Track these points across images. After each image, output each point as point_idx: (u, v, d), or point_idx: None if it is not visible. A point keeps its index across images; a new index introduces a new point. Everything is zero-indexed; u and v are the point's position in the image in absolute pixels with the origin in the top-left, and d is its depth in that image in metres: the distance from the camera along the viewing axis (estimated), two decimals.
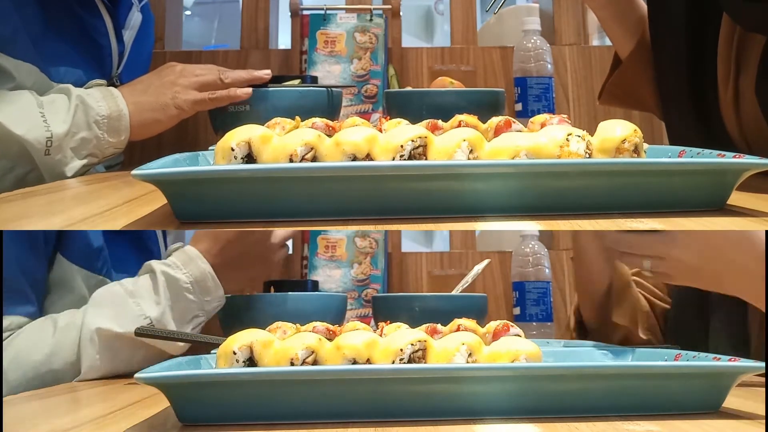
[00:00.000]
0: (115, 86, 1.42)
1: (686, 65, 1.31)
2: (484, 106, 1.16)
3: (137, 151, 1.69)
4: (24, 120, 1.26)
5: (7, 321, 1.23)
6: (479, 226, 0.83)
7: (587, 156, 0.84)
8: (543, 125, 0.89)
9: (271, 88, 1.37)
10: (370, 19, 1.91)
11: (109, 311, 1.23)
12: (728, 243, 1.08)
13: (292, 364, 0.84)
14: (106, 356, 1.21)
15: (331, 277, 1.84)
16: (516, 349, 0.85)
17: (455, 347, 0.85)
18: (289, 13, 1.99)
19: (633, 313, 1.38)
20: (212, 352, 0.96)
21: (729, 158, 0.85)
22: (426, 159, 0.84)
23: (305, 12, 1.95)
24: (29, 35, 1.31)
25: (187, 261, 1.27)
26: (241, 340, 0.85)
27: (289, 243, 1.43)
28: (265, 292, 1.41)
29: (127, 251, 1.39)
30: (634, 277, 1.43)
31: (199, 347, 1.27)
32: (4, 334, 1.22)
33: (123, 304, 1.23)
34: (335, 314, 1.31)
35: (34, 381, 1.20)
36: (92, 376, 1.22)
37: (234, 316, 1.29)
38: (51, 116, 1.27)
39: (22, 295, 1.26)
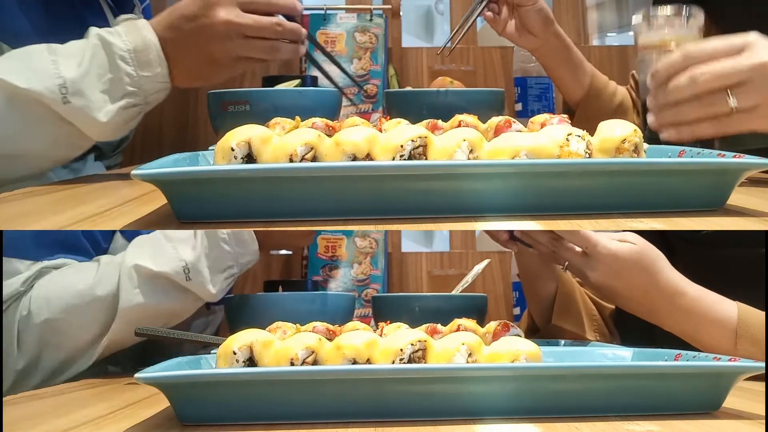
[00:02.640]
0: None
1: None
2: (484, 106, 1.16)
3: (137, 151, 1.70)
4: (32, 72, 1.16)
5: (62, 261, 1.27)
6: (479, 226, 0.83)
7: (587, 156, 0.84)
8: (543, 125, 0.89)
9: (271, 89, 1.37)
10: (370, 19, 1.91)
11: (148, 251, 1.24)
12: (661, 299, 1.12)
13: (292, 364, 0.84)
14: (144, 291, 1.22)
15: (331, 277, 1.84)
16: (516, 349, 0.85)
17: (455, 347, 0.85)
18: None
19: (578, 317, 1.38)
20: (212, 352, 0.96)
21: (729, 158, 0.85)
22: (426, 159, 0.84)
23: (305, 12, 1.94)
24: (33, 33, 1.31)
25: (131, 28, 1.19)
26: (241, 340, 0.85)
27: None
28: (271, 292, 1.41)
29: None
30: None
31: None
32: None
33: (161, 246, 1.24)
34: (343, 314, 1.31)
35: (77, 308, 1.22)
36: (130, 311, 1.23)
37: (244, 315, 1.29)
38: (63, 61, 1.17)
39: (83, 250, 1.29)
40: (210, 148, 0.96)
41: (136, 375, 0.79)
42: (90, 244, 1.31)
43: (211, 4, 1.20)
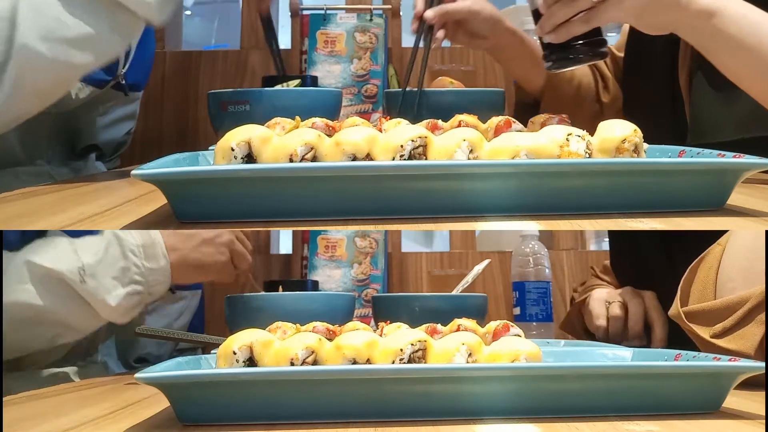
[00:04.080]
0: (120, 84, 1.42)
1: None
2: (484, 106, 1.16)
3: (137, 150, 1.70)
4: (56, 255, 1.28)
5: None
6: (479, 226, 0.83)
7: (587, 156, 0.84)
8: (543, 125, 0.89)
9: (271, 89, 1.37)
10: (370, 19, 1.91)
11: (45, 250, 1.27)
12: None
13: (292, 364, 0.84)
14: (32, 289, 1.26)
15: (331, 277, 1.84)
16: (516, 349, 0.85)
17: (455, 347, 0.85)
18: (289, 13, 1.99)
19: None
20: (212, 352, 0.96)
21: (729, 158, 0.85)
22: (426, 159, 0.84)
23: (305, 12, 1.95)
24: None
25: (144, 234, 1.32)
26: (241, 340, 0.85)
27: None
28: (271, 291, 1.41)
29: None
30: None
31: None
32: None
33: (60, 247, 1.28)
34: (343, 314, 1.31)
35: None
36: (16, 308, 1.25)
37: (241, 315, 1.30)
38: (82, 249, 1.29)
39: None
40: (210, 148, 0.96)
41: (136, 375, 0.79)
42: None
43: (219, 234, 1.40)
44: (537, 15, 1.19)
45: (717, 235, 1.10)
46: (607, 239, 2.58)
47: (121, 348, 1.48)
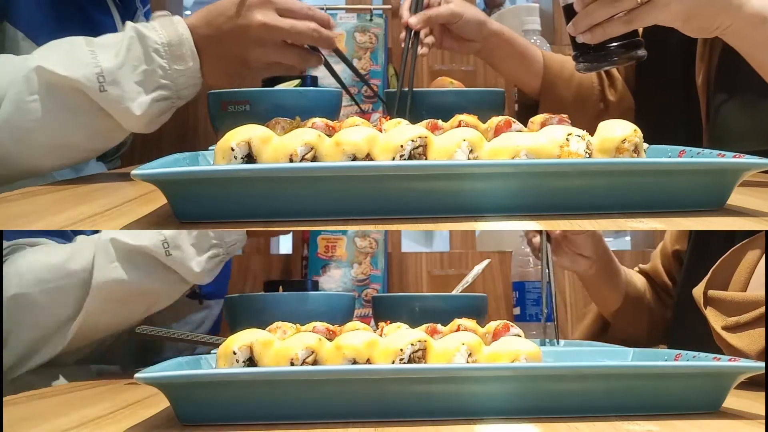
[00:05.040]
0: None
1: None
2: (484, 106, 1.16)
3: (137, 150, 1.69)
4: (70, 60, 1.18)
5: (38, 240, 1.26)
6: (479, 226, 0.83)
7: (587, 156, 0.84)
8: (543, 125, 0.89)
9: (271, 89, 1.37)
10: (370, 19, 1.91)
11: (58, 54, 1.19)
12: None
13: (292, 364, 0.84)
14: (121, 266, 1.22)
15: (331, 277, 1.84)
16: (516, 349, 0.85)
17: (455, 347, 0.85)
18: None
19: (642, 319, 1.42)
20: (212, 352, 0.96)
21: (729, 158, 0.85)
22: (426, 159, 0.84)
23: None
24: (39, 31, 1.31)
25: (166, 24, 1.21)
26: (241, 340, 0.85)
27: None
28: (271, 292, 1.41)
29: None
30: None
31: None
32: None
33: (77, 50, 1.19)
34: (343, 314, 1.31)
35: (48, 283, 1.21)
36: (105, 286, 1.21)
37: (241, 315, 1.30)
38: (100, 51, 1.19)
39: (64, 234, 1.28)
40: (210, 148, 0.96)
41: (136, 375, 0.79)
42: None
43: (249, 6, 1.21)
44: (569, 12, 1.12)
45: None
46: (607, 240, 2.58)
47: (139, 352, 1.46)
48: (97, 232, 1.29)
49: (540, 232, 1.38)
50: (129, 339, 1.42)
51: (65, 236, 1.30)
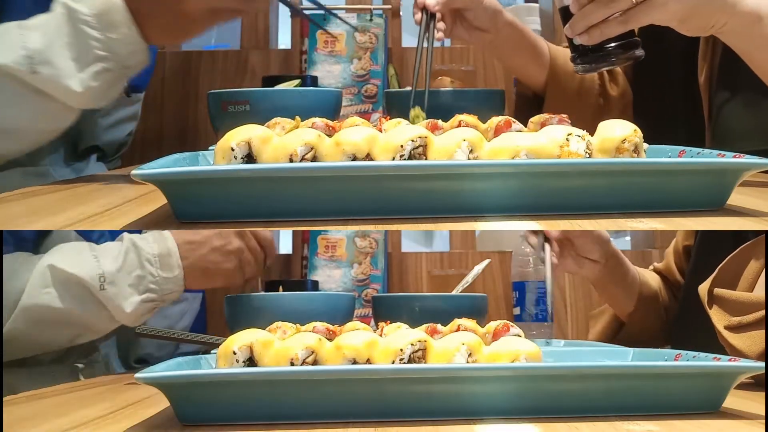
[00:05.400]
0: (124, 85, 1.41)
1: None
2: (484, 106, 1.16)
3: (137, 150, 1.70)
4: (77, 261, 1.28)
5: None
6: (479, 226, 0.83)
7: (587, 156, 0.84)
8: (543, 125, 0.89)
9: (271, 89, 1.37)
10: (370, 19, 1.91)
11: (67, 254, 1.27)
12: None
13: (292, 364, 0.84)
14: (53, 293, 1.25)
15: (331, 277, 1.84)
16: (516, 349, 0.85)
17: (455, 347, 0.85)
18: (289, 13, 1.99)
19: (659, 317, 1.44)
20: (212, 352, 0.96)
21: (729, 158, 0.85)
22: (426, 159, 0.84)
23: (305, 12, 1.95)
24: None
25: (158, 237, 1.30)
26: (241, 340, 0.85)
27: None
28: (271, 292, 1.41)
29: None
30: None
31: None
32: None
33: (82, 253, 1.27)
34: (343, 314, 1.31)
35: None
36: (34, 309, 1.25)
37: (241, 315, 1.30)
38: (102, 256, 1.29)
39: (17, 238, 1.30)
40: (210, 148, 0.96)
41: (136, 375, 0.79)
42: (10, 234, 1.31)
43: (229, 242, 1.33)
44: (566, 14, 1.13)
45: None
46: None
47: (122, 348, 1.48)
48: (88, 233, 1.32)
49: (536, 232, 1.38)
50: (112, 336, 1.43)
51: (8, 244, 1.31)
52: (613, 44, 1.11)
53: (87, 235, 1.36)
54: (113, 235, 1.37)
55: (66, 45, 1.16)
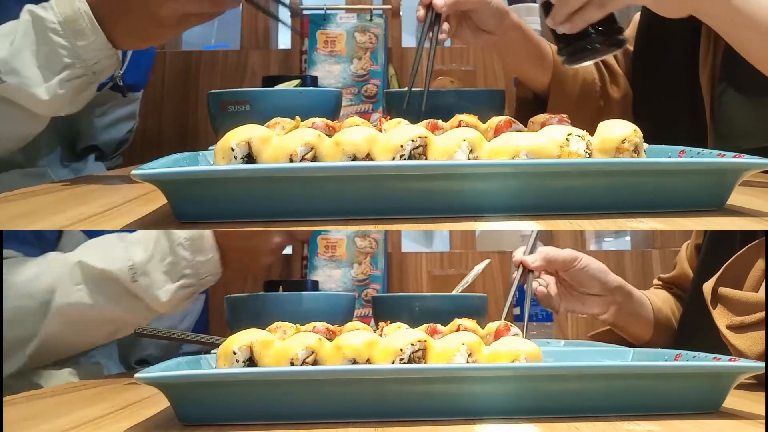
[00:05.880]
0: (118, 86, 1.42)
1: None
2: (484, 106, 1.16)
3: (137, 150, 1.70)
4: (107, 255, 1.26)
5: (7, 252, 1.25)
6: (479, 226, 0.83)
7: (587, 156, 0.84)
8: (543, 125, 0.89)
9: (271, 89, 1.37)
10: (370, 19, 1.91)
11: (96, 248, 1.24)
12: None
13: (292, 364, 0.84)
14: (85, 289, 1.23)
15: (331, 277, 1.84)
16: (516, 349, 0.85)
17: (455, 347, 0.85)
18: (289, 13, 1.99)
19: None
20: (212, 352, 0.96)
21: (729, 158, 0.85)
22: (426, 159, 0.84)
23: (305, 12, 1.95)
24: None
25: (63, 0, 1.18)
26: (241, 340, 0.85)
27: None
28: (271, 292, 1.41)
29: None
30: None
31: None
32: None
33: (110, 245, 1.24)
34: (343, 314, 1.31)
35: (8, 301, 1.20)
36: (68, 308, 1.23)
37: (241, 315, 1.30)
38: (132, 246, 1.26)
39: (28, 243, 1.27)
40: (210, 148, 0.96)
41: (136, 375, 0.79)
42: (34, 234, 1.29)
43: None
44: (547, 7, 1.15)
45: None
46: (607, 240, 2.57)
47: (122, 349, 1.48)
48: (96, 232, 1.30)
49: (427, 7, 1.27)
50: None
51: (29, 244, 1.30)
52: (594, 32, 1.13)
53: (39, 233, 1.32)
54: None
55: (33, 53, 1.16)
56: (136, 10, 1.17)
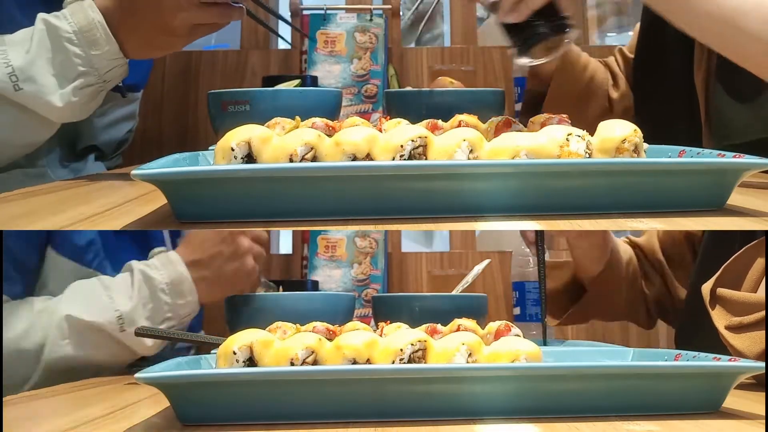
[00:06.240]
0: (118, 86, 1.41)
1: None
2: (484, 106, 1.16)
3: (137, 151, 1.70)
4: (93, 306, 1.28)
5: None
6: (479, 226, 0.83)
7: (587, 156, 0.84)
8: (543, 125, 0.89)
9: (271, 89, 1.37)
10: (370, 19, 1.91)
11: (82, 300, 1.27)
12: None
13: (292, 364, 0.84)
14: (74, 343, 1.25)
15: (331, 277, 1.84)
16: (516, 349, 0.85)
17: (455, 347, 0.85)
18: (289, 13, 1.99)
19: (618, 288, 1.43)
20: (212, 352, 0.96)
21: (729, 158, 0.85)
22: (426, 159, 0.84)
23: (305, 12, 1.95)
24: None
25: (166, 263, 1.30)
26: (241, 340, 0.85)
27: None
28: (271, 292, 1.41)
29: (128, 245, 1.41)
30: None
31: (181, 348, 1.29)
32: None
33: (96, 296, 1.27)
34: (343, 314, 1.31)
35: (6, 356, 1.23)
36: (56, 362, 1.25)
37: (241, 315, 1.30)
38: (11, 50, 1.21)
39: (9, 279, 1.29)
40: (210, 148, 0.96)
41: (136, 375, 0.79)
42: (14, 267, 1.30)
43: (237, 245, 1.33)
44: (494, 7, 1.16)
45: None
46: None
47: (64, 148, 1.45)
48: (97, 231, 1.31)
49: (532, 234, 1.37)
50: None
51: (16, 282, 1.31)
52: (540, 20, 1.13)
53: (80, 260, 1.35)
54: (110, 258, 1.37)
55: (48, 61, 1.19)
56: (149, 20, 1.21)
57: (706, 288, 1.07)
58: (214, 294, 1.36)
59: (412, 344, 0.84)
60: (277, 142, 0.85)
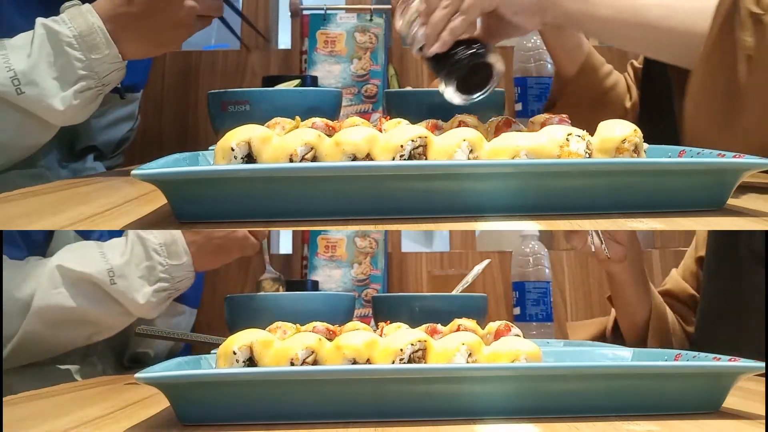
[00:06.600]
0: (117, 88, 1.41)
1: None
2: (484, 106, 1.16)
3: (137, 150, 1.69)
4: (85, 259, 1.30)
5: None
6: (479, 226, 0.83)
7: (587, 156, 0.84)
8: (543, 125, 0.89)
9: (271, 89, 1.37)
10: (370, 19, 1.91)
11: (75, 255, 1.29)
12: None
13: (292, 364, 0.84)
14: (64, 292, 1.27)
15: (331, 277, 1.84)
16: (516, 349, 0.85)
17: (455, 347, 0.85)
18: (289, 13, 1.99)
19: (668, 338, 1.39)
20: (212, 352, 0.96)
21: (729, 158, 0.85)
22: (426, 159, 0.84)
23: (305, 12, 1.95)
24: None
25: (75, 14, 1.23)
26: (241, 340, 0.85)
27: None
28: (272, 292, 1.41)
29: None
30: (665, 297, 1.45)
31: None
32: None
33: (89, 251, 1.30)
34: (343, 314, 1.31)
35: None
36: (50, 310, 1.27)
37: (241, 315, 1.30)
38: (12, 54, 1.23)
39: (13, 244, 1.31)
40: (210, 148, 0.96)
41: (136, 375, 0.79)
42: (21, 236, 1.33)
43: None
44: (421, 49, 1.15)
45: None
46: None
47: (116, 347, 1.48)
48: (98, 232, 1.31)
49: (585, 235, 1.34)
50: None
51: (15, 245, 1.32)
52: (461, 47, 1.11)
53: (86, 235, 1.37)
54: (112, 235, 1.38)
55: (49, 65, 1.21)
56: (156, 15, 1.23)
57: None
58: (209, 259, 1.36)
59: (412, 344, 0.84)
60: (277, 142, 0.85)
